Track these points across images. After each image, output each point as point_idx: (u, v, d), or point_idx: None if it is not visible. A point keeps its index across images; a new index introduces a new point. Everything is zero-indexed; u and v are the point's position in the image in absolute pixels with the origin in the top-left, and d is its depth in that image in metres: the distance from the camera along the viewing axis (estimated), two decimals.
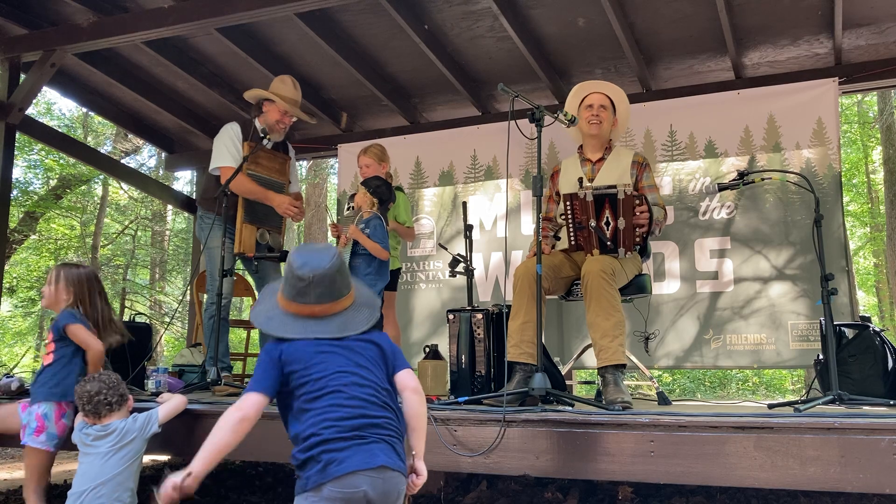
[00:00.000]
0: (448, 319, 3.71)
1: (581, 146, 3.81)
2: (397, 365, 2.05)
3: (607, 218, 3.36)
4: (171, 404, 3.02)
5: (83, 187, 12.96)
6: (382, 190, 3.90)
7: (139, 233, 15.00)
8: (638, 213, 3.36)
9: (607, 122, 3.68)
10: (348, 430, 1.84)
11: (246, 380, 4.81)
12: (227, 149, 4.12)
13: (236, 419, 1.91)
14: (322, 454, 1.81)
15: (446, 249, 4.92)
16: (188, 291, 7.49)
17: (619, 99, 3.74)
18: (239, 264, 4.31)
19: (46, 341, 3.29)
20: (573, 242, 3.47)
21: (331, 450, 1.81)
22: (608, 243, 3.38)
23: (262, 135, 4.21)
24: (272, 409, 2.95)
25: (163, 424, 2.94)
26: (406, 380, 2.04)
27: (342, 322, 2.02)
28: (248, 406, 1.92)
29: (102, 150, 12.30)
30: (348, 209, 4.09)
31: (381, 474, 1.83)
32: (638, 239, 3.42)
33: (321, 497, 1.79)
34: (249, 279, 5.19)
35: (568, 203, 3.42)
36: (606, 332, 3.22)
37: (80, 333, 3.15)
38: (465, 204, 4.83)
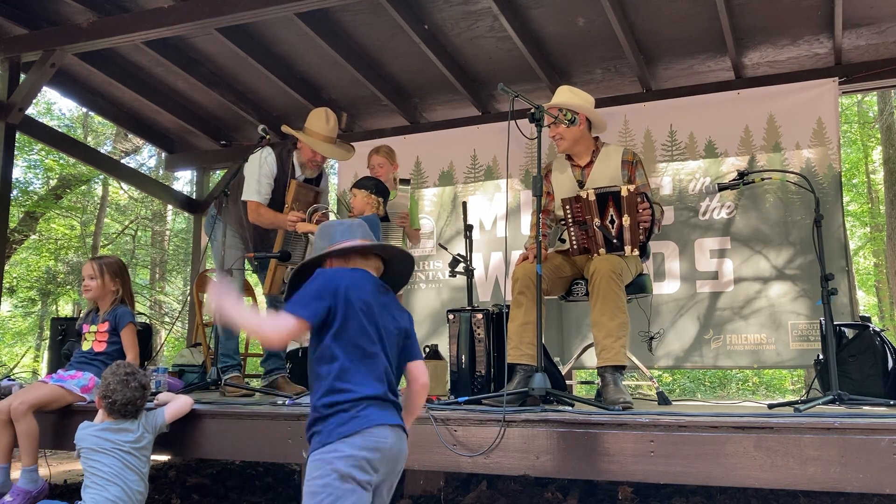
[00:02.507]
0: (448, 319, 3.71)
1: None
2: (413, 353, 2.09)
3: (611, 216, 3.36)
4: (177, 405, 3.02)
5: (83, 187, 12.97)
6: (381, 186, 3.89)
7: (139, 233, 15.01)
8: (641, 211, 3.36)
9: (569, 131, 3.55)
10: (380, 392, 1.89)
11: (246, 380, 4.80)
12: (257, 182, 4.00)
13: (275, 338, 1.93)
14: (354, 408, 1.84)
15: (446, 249, 4.91)
16: (189, 292, 7.49)
17: (573, 102, 3.57)
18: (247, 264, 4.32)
19: (97, 328, 3.54)
20: (576, 246, 3.45)
21: (366, 406, 1.85)
22: (614, 241, 3.37)
23: (301, 173, 4.17)
24: (273, 410, 2.97)
25: (169, 424, 2.96)
26: (418, 372, 2.08)
27: (394, 248, 2.12)
28: (289, 333, 1.90)
29: (102, 150, 12.31)
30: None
31: (398, 433, 1.91)
32: (642, 237, 3.42)
33: (350, 445, 1.79)
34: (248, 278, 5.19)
35: (568, 206, 3.41)
36: (610, 333, 3.22)
37: (131, 337, 3.50)
38: (465, 204, 4.83)
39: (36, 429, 3.19)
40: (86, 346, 3.52)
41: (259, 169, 4.02)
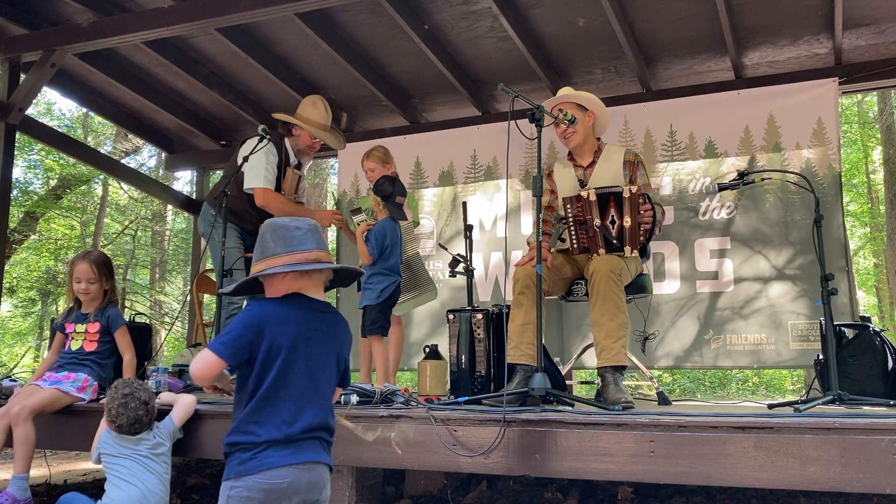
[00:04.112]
0: (448, 319, 3.71)
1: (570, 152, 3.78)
2: (344, 382, 2.22)
3: (612, 216, 3.36)
4: (183, 408, 3.03)
5: (83, 187, 12.96)
6: (383, 186, 3.83)
7: (139, 233, 15.01)
8: (643, 212, 3.36)
9: (582, 128, 3.59)
10: (285, 435, 1.95)
11: None
12: (265, 170, 4.09)
13: (200, 377, 2.02)
14: (253, 449, 1.94)
15: (446, 249, 4.92)
16: (189, 292, 7.48)
17: (586, 100, 3.63)
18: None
19: (86, 328, 3.51)
20: (576, 245, 3.46)
21: (265, 448, 1.94)
22: (614, 242, 3.37)
23: (295, 158, 4.32)
24: None
25: (181, 428, 3.00)
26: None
27: (344, 266, 2.20)
28: (210, 372, 2.00)
29: (102, 150, 12.31)
30: (360, 216, 4.04)
31: (306, 468, 1.97)
32: (642, 238, 3.41)
33: (244, 485, 1.92)
34: None
35: (569, 205, 3.41)
36: (611, 333, 3.22)
37: (126, 338, 3.51)
38: (465, 204, 4.83)
39: (34, 435, 3.17)
40: (75, 346, 3.49)
41: (265, 158, 4.09)
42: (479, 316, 3.61)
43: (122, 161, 11.35)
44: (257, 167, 4.07)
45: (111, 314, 3.52)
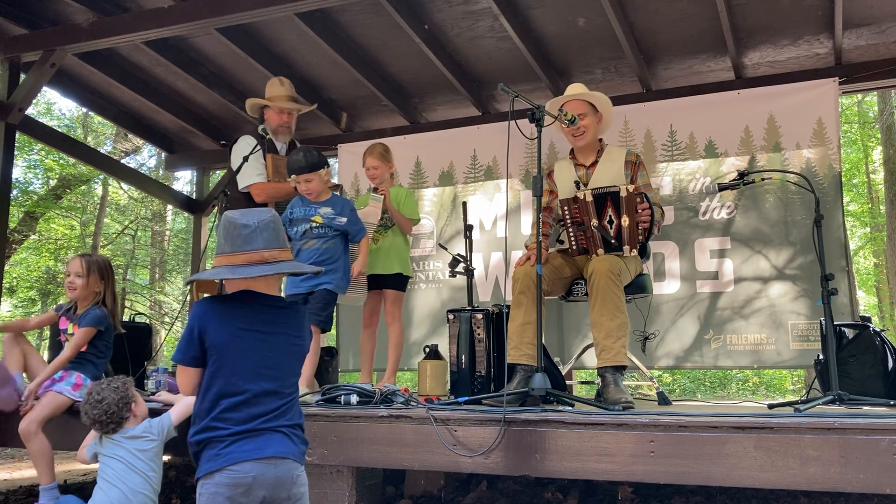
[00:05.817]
0: (448, 319, 3.71)
1: (572, 150, 3.79)
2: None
3: (610, 216, 3.36)
4: (182, 407, 3.00)
5: (83, 187, 12.96)
6: (312, 156, 3.67)
7: (139, 233, 15.01)
8: (640, 211, 3.36)
9: (592, 128, 3.60)
10: (249, 427, 1.97)
11: None
12: (251, 167, 4.09)
13: (187, 393, 2.12)
14: (219, 445, 1.96)
15: (446, 249, 4.92)
16: (189, 291, 7.48)
17: (599, 100, 3.64)
18: None
19: (73, 328, 3.46)
20: (575, 246, 3.46)
21: (230, 442, 1.96)
22: (612, 241, 3.37)
23: (279, 142, 4.30)
24: None
25: (177, 427, 2.96)
26: None
27: (293, 266, 2.21)
28: (188, 384, 2.10)
29: (102, 150, 12.30)
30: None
31: (273, 463, 1.97)
32: (641, 237, 3.41)
33: (212, 482, 1.92)
34: None
35: (566, 207, 3.41)
36: (610, 333, 3.22)
37: (81, 337, 3.39)
38: (465, 204, 4.83)
39: (48, 446, 3.17)
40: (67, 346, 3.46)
41: (247, 153, 4.09)
42: (479, 316, 3.61)
43: (122, 161, 11.35)
44: (246, 167, 4.10)
45: (90, 313, 3.42)
